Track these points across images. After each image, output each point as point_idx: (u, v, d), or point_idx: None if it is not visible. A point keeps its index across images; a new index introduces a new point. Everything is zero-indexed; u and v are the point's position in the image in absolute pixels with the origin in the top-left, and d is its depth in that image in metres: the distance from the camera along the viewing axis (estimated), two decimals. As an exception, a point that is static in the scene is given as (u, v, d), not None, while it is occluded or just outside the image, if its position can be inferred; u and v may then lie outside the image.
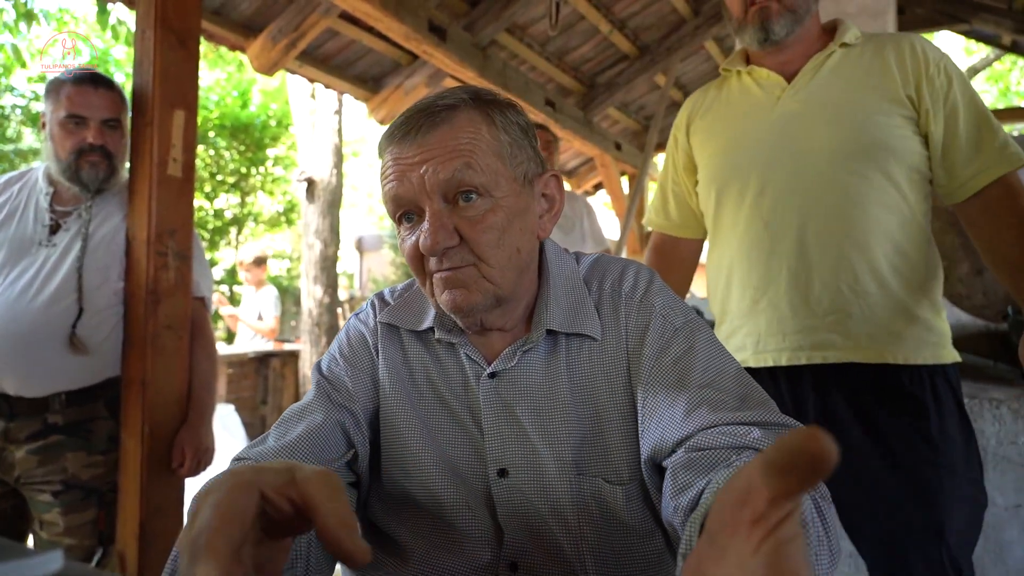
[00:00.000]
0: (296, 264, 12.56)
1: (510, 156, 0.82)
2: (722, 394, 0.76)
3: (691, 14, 4.79)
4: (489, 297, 0.82)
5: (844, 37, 1.35)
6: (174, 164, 1.94)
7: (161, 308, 1.90)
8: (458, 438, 0.88)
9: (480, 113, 0.82)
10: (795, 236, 1.32)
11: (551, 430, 0.84)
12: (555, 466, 0.83)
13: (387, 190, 0.82)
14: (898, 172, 1.28)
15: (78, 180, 1.78)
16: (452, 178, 0.78)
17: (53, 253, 1.75)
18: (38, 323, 1.69)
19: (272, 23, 3.30)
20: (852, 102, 1.30)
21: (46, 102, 1.79)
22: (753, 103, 1.42)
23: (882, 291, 1.28)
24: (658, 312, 0.87)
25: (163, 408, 1.92)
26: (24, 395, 1.69)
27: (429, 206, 0.79)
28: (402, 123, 0.81)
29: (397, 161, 0.80)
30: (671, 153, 1.61)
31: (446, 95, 0.82)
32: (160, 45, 1.92)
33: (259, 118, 11.64)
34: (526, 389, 0.86)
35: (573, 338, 0.87)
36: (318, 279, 6.66)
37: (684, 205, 1.62)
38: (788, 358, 1.33)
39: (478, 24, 3.77)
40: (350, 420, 0.89)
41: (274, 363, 5.62)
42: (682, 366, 0.81)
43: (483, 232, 0.79)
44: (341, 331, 1.00)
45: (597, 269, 0.94)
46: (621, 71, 5.09)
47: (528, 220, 0.85)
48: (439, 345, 0.92)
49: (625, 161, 5.83)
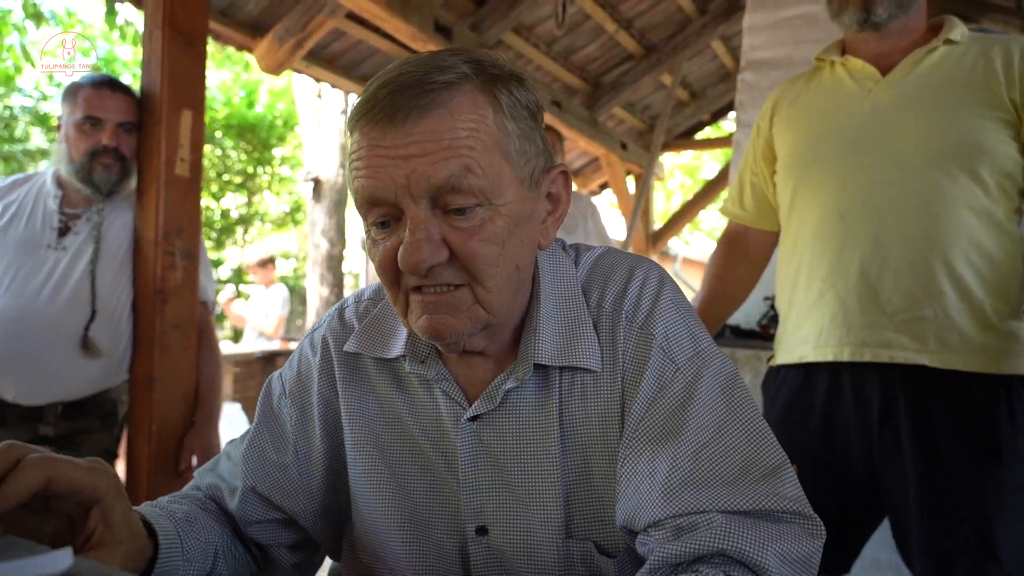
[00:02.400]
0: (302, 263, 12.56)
1: (518, 152, 0.67)
2: (715, 462, 0.65)
3: (697, 13, 4.78)
4: (478, 325, 0.68)
5: (950, 34, 1.29)
6: (181, 164, 1.95)
7: (168, 307, 1.91)
8: (431, 488, 0.76)
9: (485, 94, 0.65)
10: (872, 230, 1.27)
11: (538, 483, 0.72)
12: (541, 526, 0.72)
13: (358, 184, 0.64)
14: (988, 176, 1.23)
15: (90, 182, 1.78)
16: (446, 183, 0.62)
17: (64, 256, 1.75)
18: (49, 326, 1.69)
19: (279, 23, 3.31)
20: (949, 100, 1.25)
21: (63, 105, 1.81)
22: (844, 94, 1.37)
23: (960, 295, 1.22)
24: (659, 344, 0.71)
25: (170, 406, 1.92)
26: (21, 402, 1.68)
27: (412, 210, 0.63)
28: (385, 99, 0.63)
29: (375, 148, 0.63)
30: (752, 142, 1.58)
31: (443, 64, 0.64)
32: (168, 45, 1.93)
33: (266, 118, 11.66)
34: (512, 434, 0.73)
35: (567, 371, 0.73)
36: (324, 278, 6.68)
37: (760, 195, 1.58)
38: (851, 353, 1.29)
39: (484, 24, 3.77)
40: (276, 478, 0.81)
41: (280, 362, 5.62)
42: (675, 422, 0.67)
43: (479, 246, 0.64)
44: (296, 351, 0.88)
45: (599, 274, 0.78)
46: (627, 70, 5.08)
47: (531, 227, 0.70)
48: (411, 376, 0.78)
49: (631, 161, 5.81)
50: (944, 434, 1.22)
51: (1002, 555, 1.18)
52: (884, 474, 1.28)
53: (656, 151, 5.48)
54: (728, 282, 1.67)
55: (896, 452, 1.26)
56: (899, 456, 1.26)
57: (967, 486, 1.20)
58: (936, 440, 1.23)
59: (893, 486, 1.27)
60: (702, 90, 6.04)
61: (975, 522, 1.19)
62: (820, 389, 1.35)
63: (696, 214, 6.94)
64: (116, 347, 1.83)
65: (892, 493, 1.28)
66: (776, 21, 3.21)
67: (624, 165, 5.83)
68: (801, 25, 3.12)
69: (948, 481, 1.22)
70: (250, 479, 0.80)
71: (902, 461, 1.25)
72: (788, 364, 1.42)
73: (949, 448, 1.22)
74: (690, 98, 6.06)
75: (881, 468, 1.28)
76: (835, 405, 1.33)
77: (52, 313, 1.69)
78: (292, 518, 0.82)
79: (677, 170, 14.53)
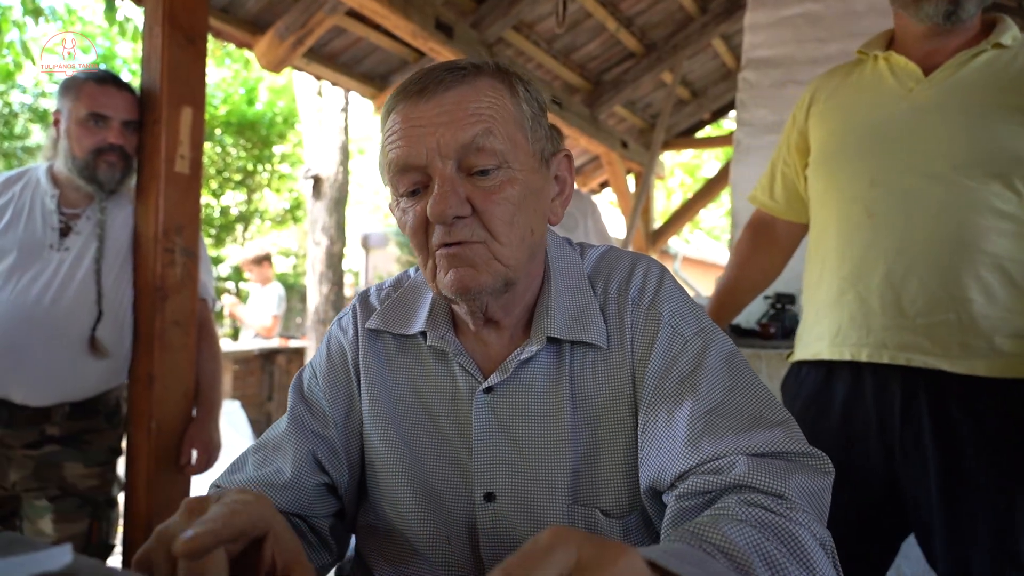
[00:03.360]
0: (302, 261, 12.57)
1: (531, 129, 0.76)
2: (728, 418, 0.70)
3: (698, 11, 4.77)
4: (499, 279, 0.74)
5: (1000, 37, 1.26)
6: (182, 161, 1.95)
7: (168, 304, 1.91)
8: (442, 456, 0.81)
9: (502, 81, 0.75)
10: (900, 232, 1.25)
11: (547, 452, 0.77)
12: (548, 493, 0.76)
13: (393, 155, 0.73)
14: (1021, 184, 1.20)
15: (94, 180, 1.77)
16: (471, 143, 0.70)
17: (67, 257, 1.74)
18: (56, 329, 1.68)
19: (279, 20, 3.31)
20: (987, 106, 1.22)
21: (62, 100, 1.77)
22: (883, 91, 1.34)
23: (987, 301, 1.20)
24: (667, 321, 0.78)
25: (170, 403, 1.93)
26: (29, 404, 1.68)
27: (440, 171, 0.71)
28: (418, 79, 0.73)
29: (409, 120, 0.72)
30: (787, 132, 1.55)
31: (463, 61, 0.76)
32: (168, 42, 1.93)
33: (266, 115, 11.65)
34: (524, 406, 0.78)
35: (577, 347, 0.79)
36: (324, 276, 6.67)
37: (791, 186, 1.57)
38: (868, 354, 1.28)
39: (485, 21, 3.77)
40: (324, 449, 0.85)
41: (280, 360, 5.64)
42: (688, 385, 0.74)
43: (497, 204, 0.72)
44: (324, 339, 0.94)
45: (603, 266, 0.85)
46: (628, 69, 5.08)
47: (542, 200, 0.78)
48: (429, 352, 0.84)
49: (631, 159, 5.81)
50: (967, 438, 1.21)
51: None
52: (905, 477, 1.27)
53: (656, 149, 5.47)
54: (752, 271, 1.66)
55: (919, 455, 1.24)
56: (921, 458, 1.24)
57: (990, 489, 1.19)
58: (959, 443, 1.21)
59: (915, 488, 1.26)
60: (703, 88, 6.04)
61: (998, 526, 1.18)
62: (840, 389, 1.34)
63: (696, 213, 6.93)
64: (121, 346, 1.83)
65: (914, 496, 1.26)
66: (777, 20, 3.20)
67: (624, 163, 5.83)
68: (802, 24, 3.12)
69: (971, 484, 1.20)
70: (304, 445, 0.84)
71: (924, 463, 1.24)
72: (807, 361, 1.41)
73: (972, 452, 1.20)
74: (691, 96, 6.05)
75: (902, 470, 1.27)
76: (855, 406, 1.32)
77: (58, 315, 1.69)
78: (335, 485, 0.86)
79: (677, 169, 14.53)
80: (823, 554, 0.59)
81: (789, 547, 0.57)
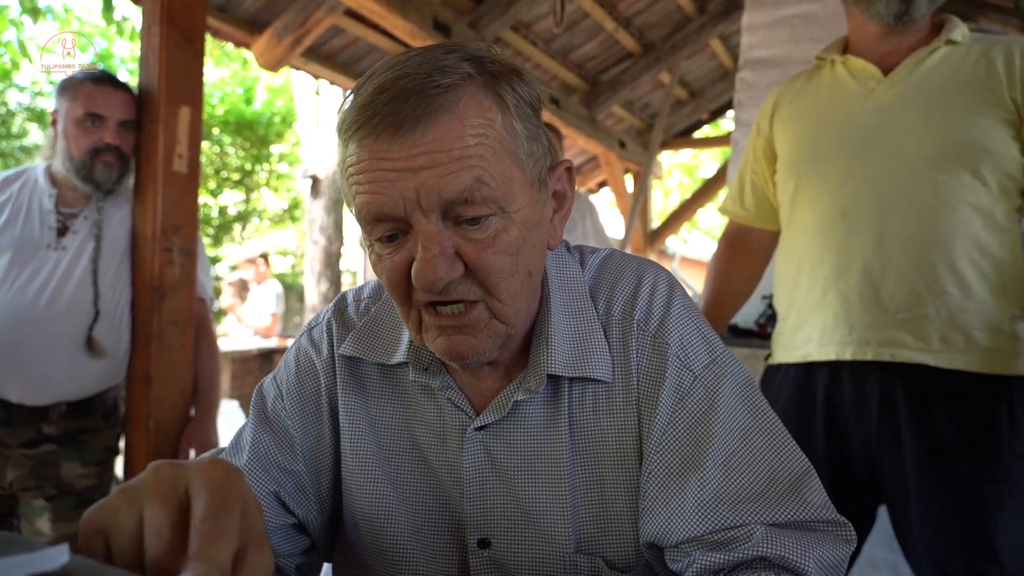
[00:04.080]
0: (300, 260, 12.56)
1: (527, 155, 0.64)
2: (744, 474, 0.65)
3: (696, 12, 4.78)
4: (498, 340, 0.66)
5: (951, 34, 1.29)
6: (179, 160, 1.95)
7: (166, 304, 1.91)
8: (431, 498, 0.74)
9: (490, 94, 0.62)
10: (874, 229, 1.28)
11: (545, 495, 0.70)
12: (547, 539, 0.69)
13: (362, 200, 0.61)
14: (990, 175, 1.23)
15: (91, 180, 1.76)
16: (460, 195, 0.59)
17: (64, 257, 1.73)
18: (53, 328, 1.68)
19: (277, 20, 3.30)
20: (950, 99, 1.25)
21: (60, 99, 1.78)
22: (844, 93, 1.37)
23: (963, 294, 1.23)
24: (675, 353, 0.70)
25: (168, 403, 1.92)
26: (25, 403, 1.68)
27: (424, 228, 0.60)
28: (386, 107, 0.58)
29: (378, 159, 0.59)
30: (752, 141, 1.58)
31: (442, 64, 0.60)
32: (166, 41, 1.92)
33: (264, 115, 11.65)
34: (520, 445, 0.71)
35: (577, 382, 0.71)
36: (322, 275, 6.68)
37: (761, 194, 1.59)
38: (853, 352, 1.30)
39: (482, 21, 3.77)
40: (289, 486, 0.75)
41: (278, 359, 5.62)
42: (700, 433, 0.67)
43: (495, 258, 0.62)
44: (290, 350, 0.83)
45: (606, 278, 0.76)
46: (626, 69, 5.08)
47: (541, 232, 0.67)
48: (415, 385, 0.75)
49: (629, 159, 5.82)
50: (944, 433, 1.23)
51: (1001, 554, 1.18)
52: (883, 472, 1.29)
53: (654, 150, 5.48)
54: (733, 283, 1.67)
55: (896, 450, 1.26)
56: (899, 454, 1.26)
57: (967, 485, 1.21)
58: (936, 439, 1.23)
59: (893, 485, 1.28)
60: (701, 89, 6.05)
61: (974, 521, 1.20)
62: (821, 388, 1.35)
63: (694, 213, 6.95)
64: (119, 346, 1.83)
65: (892, 492, 1.28)
66: (775, 20, 3.21)
67: (622, 163, 5.83)
68: (800, 24, 3.13)
69: (948, 480, 1.22)
70: (266, 485, 0.75)
71: (902, 460, 1.26)
72: (789, 363, 1.42)
73: (949, 447, 1.22)
74: (689, 97, 6.06)
75: (880, 466, 1.29)
76: (835, 403, 1.34)
77: (55, 314, 1.69)
78: (303, 524, 0.78)
79: (675, 168, 14.54)
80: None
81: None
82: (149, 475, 0.47)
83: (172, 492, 0.45)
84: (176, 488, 0.45)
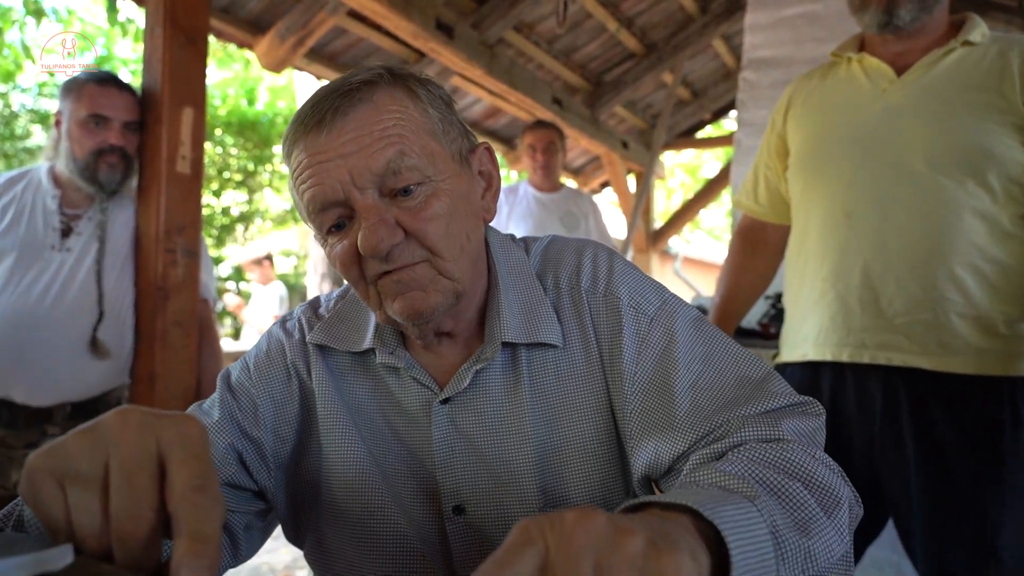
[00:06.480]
0: (303, 261, 12.57)
1: (443, 133, 0.72)
2: (713, 388, 0.70)
3: (699, 12, 4.78)
4: (449, 295, 0.71)
5: (969, 35, 1.27)
6: (183, 161, 1.95)
7: (170, 305, 1.91)
8: (407, 473, 0.78)
9: (402, 88, 0.70)
10: (876, 232, 1.27)
11: (512, 458, 0.74)
12: (518, 499, 0.74)
13: (308, 194, 0.68)
14: (996, 181, 1.21)
15: (95, 181, 1.76)
16: (386, 169, 0.66)
17: (68, 258, 1.74)
18: (58, 330, 1.68)
19: (280, 21, 3.31)
20: (961, 103, 1.24)
21: (63, 101, 1.78)
22: (857, 92, 1.36)
23: (964, 299, 1.22)
24: (627, 304, 0.76)
25: (172, 404, 1.93)
26: (30, 404, 1.68)
27: (362, 203, 0.67)
28: (312, 108, 0.68)
29: (314, 155, 0.67)
30: (767, 136, 1.58)
31: (357, 72, 0.70)
32: (169, 43, 1.93)
33: (266, 116, 11.66)
34: (484, 414, 0.76)
35: (534, 348, 0.76)
36: (325, 276, 6.68)
37: (774, 190, 1.59)
38: (850, 354, 1.30)
39: (485, 22, 3.77)
40: (250, 450, 0.77)
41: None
42: (666, 364, 0.72)
43: (429, 221, 0.68)
44: (263, 336, 0.87)
45: (550, 260, 0.82)
46: (628, 69, 5.08)
47: (472, 202, 0.75)
48: (382, 368, 0.80)
49: (632, 159, 5.82)
50: (946, 435, 1.22)
51: (1003, 555, 1.18)
52: (885, 474, 1.28)
53: (657, 150, 5.48)
54: (748, 277, 1.67)
55: (898, 453, 1.26)
56: (901, 457, 1.26)
57: (969, 487, 1.20)
58: (938, 441, 1.23)
59: (895, 486, 1.27)
60: (703, 89, 6.04)
61: (977, 523, 1.20)
62: (825, 388, 1.35)
63: (697, 213, 6.93)
64: (123, 347, 1.84)
65: (894, 493, 1.28)
66: (777, 20, 3.20)
67: (625, 164, 5.83)
68: (802, 24, 3.12)
69: (950, 482, 1.22)
70: (232, 440, 0.77)
71: (905, 462, 1.25)
72: (792, 362, 1.42)
73: (951, 449, 1.22)
74: (691, 97, 6.06)
75: (882, 468, 1.29)
76: (839, 404, 1.33)
77: (60, 315, 1.69)
78: (261, 491, 0.79)
79: (678, 169, 14.53)
80: (825, 469, 0.59)
81: (788, 471, 0.57)
82: (114, 418, 0.43)
83: (142, 441, 0.42)
84: (145, 438, 0.42)
